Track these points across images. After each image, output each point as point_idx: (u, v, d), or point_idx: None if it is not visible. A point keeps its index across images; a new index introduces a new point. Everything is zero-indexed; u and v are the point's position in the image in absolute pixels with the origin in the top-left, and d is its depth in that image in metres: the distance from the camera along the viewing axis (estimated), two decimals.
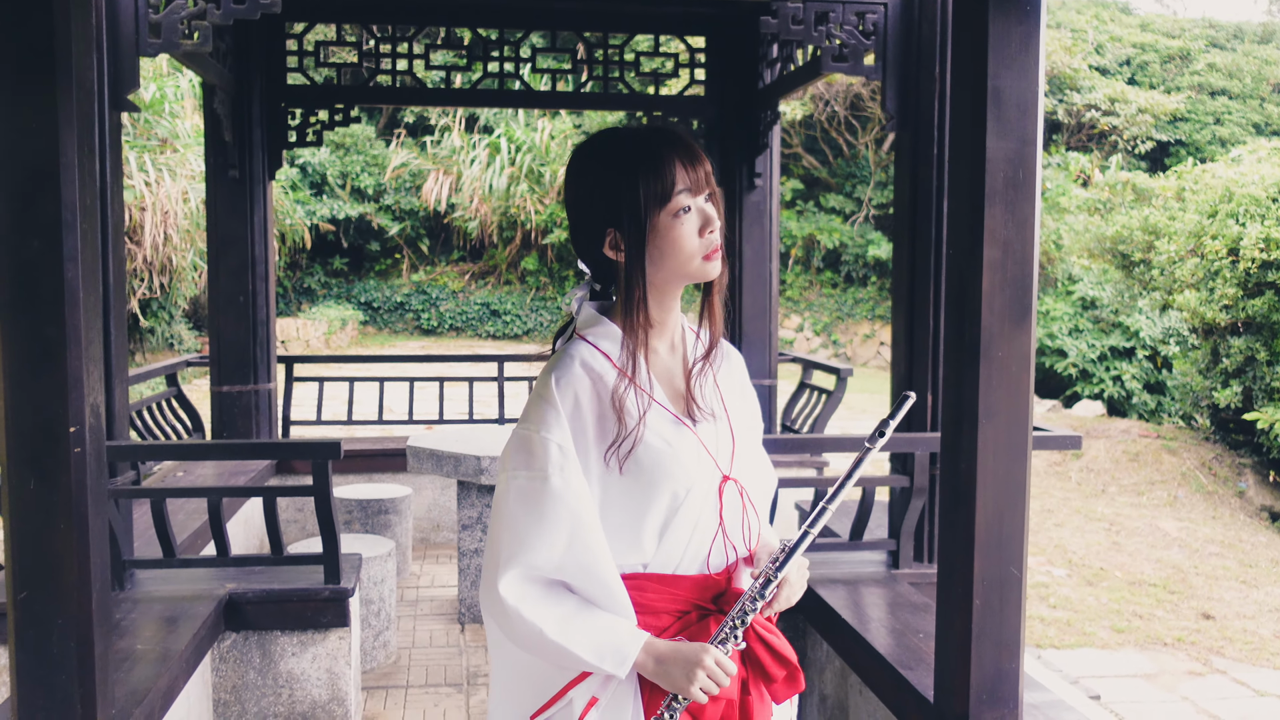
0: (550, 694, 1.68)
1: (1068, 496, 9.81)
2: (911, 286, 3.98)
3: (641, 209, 1.64)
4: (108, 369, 3.59)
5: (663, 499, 1.67)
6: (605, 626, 1.63)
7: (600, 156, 1.69)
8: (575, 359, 1.69)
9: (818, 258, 19.99)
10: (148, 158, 12.65)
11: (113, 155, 3.63)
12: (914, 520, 3.83)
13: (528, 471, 1.64)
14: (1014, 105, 2.40)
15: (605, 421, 1.66)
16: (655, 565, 1.70)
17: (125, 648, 3.06)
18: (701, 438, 1.72)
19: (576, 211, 1.73)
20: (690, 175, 1.66)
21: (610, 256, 1.70)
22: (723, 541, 1.73)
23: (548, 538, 1.61)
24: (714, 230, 1.68)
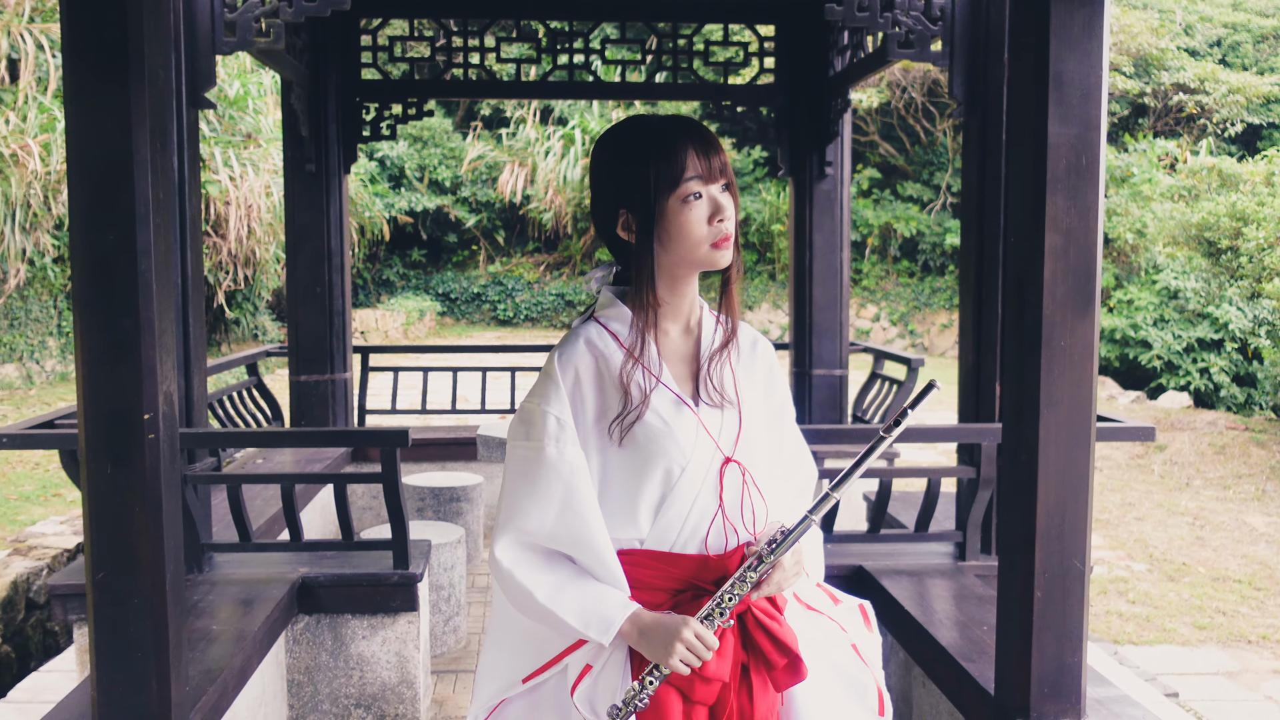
0: (545, 659, 1.76)
1: (1150, 490, 9.58)
2: (979, 275, 3.92)
3: (651, 192, 1.70)
4: (186, 358, 3.70)
5: (657, 475, 1.73)
6: (595, 595, 1.69)
7: (618, 140, 1.76)
8: (580, 338, 1.78)
9: (894, 246, 19.75)
10: (232, 153, 12.96)
11: (190, 151, 3.73)
12: (981, 511, 3.78)
13: (526, 442, 1.73)
14: (1077, 90, 2.36)
15: (606, 397, 1.74)
16: (651, 542, 1.75)
17: (202, 628, 3.17)
18: (704, 419, 1.76)
19: (594, 191, 1.81)
20: (703, 163, 1.70)
21: (623, 237, 1.76)
22: (722, 523, 1.76)
23: (540, 505, 1.70)
24: (724, 219, 1.71)
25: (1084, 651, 2.51)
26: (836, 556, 3.85)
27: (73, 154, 2.25)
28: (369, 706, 3.70)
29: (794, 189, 6.57)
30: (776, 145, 6.58)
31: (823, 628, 1.86)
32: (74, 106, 2.24)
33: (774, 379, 1.91)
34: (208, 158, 12.74)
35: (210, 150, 12.78)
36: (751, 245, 20.14)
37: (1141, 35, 18.27)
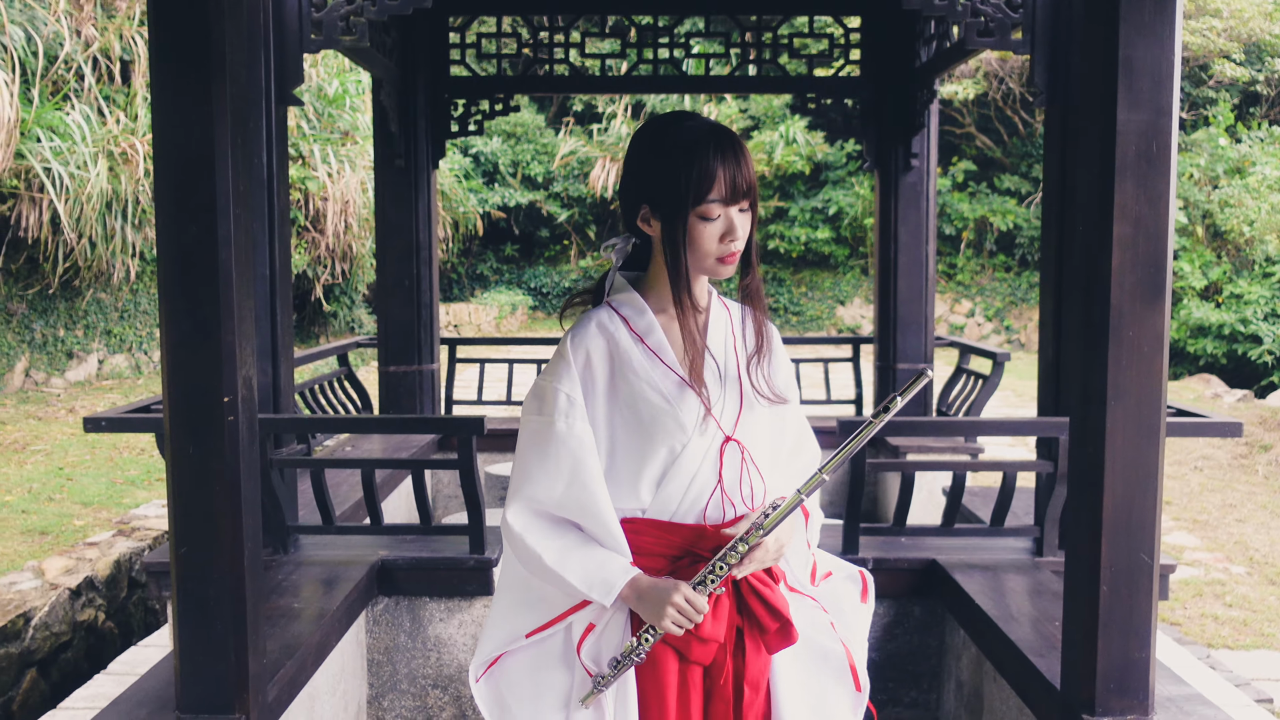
0: (550, 617, 1.89)
1: (1253, 491, 9.25)
2: (1059, 267, 3.86)
3: (673, 201, 1.80)
4: (274, 347, 3.84)
5: (660, 451, 1.85)
6: (599, 560, 1.83)
7: (656, 137, 1.85)
8: (593, 320, 1.91)
9: (990, 241, 19.38)
10: (330, 149, 13.30)
11: (279, 147, 3.86)
12: (1059, 506, 3.72)
13: (538, 416, 1.86)
14: (1147, 75, 2.32)
15: (615, 378, 1.87)
16: (652, 511, 1.88)
17: (284, 605, 3.29)
18: (705, 400, 1.86)
19: (625, 175, 1.91)
20: (728, 186, 1.79)
21: (644, 230, 1.89)
22: (721, 497, 1.88)
23: (549, 475, 1.83)
24: (734, 240, 1.82)
25: (1152, 647, 2.47)
26: (910, 550, 3.83)
27: (158, 149, 2.36)
28: (445, 687, 3.79)
29: (879, 181, 6.51)
30: (862, 137, 6.53)
31: (801, 607, 1.98)
32: (159, 103, 2.35)
33: (778, 364, 1.99)
34: (307, 154, 13.08)
35: (309, 147, 13.13)
36: (844, 239, 19.94)
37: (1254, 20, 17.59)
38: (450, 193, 16.98)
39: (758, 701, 1.89)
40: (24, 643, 4.66)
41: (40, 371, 10.41)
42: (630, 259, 1.97)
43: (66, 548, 5.62)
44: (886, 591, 3.76)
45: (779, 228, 19.65)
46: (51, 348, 10.56)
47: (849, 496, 3.71)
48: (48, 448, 8.07)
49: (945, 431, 4.68)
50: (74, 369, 10.87)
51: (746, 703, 1.86)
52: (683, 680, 1.85)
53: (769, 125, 20.28)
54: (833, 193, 19.69)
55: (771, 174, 19.59)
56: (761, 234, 19.54)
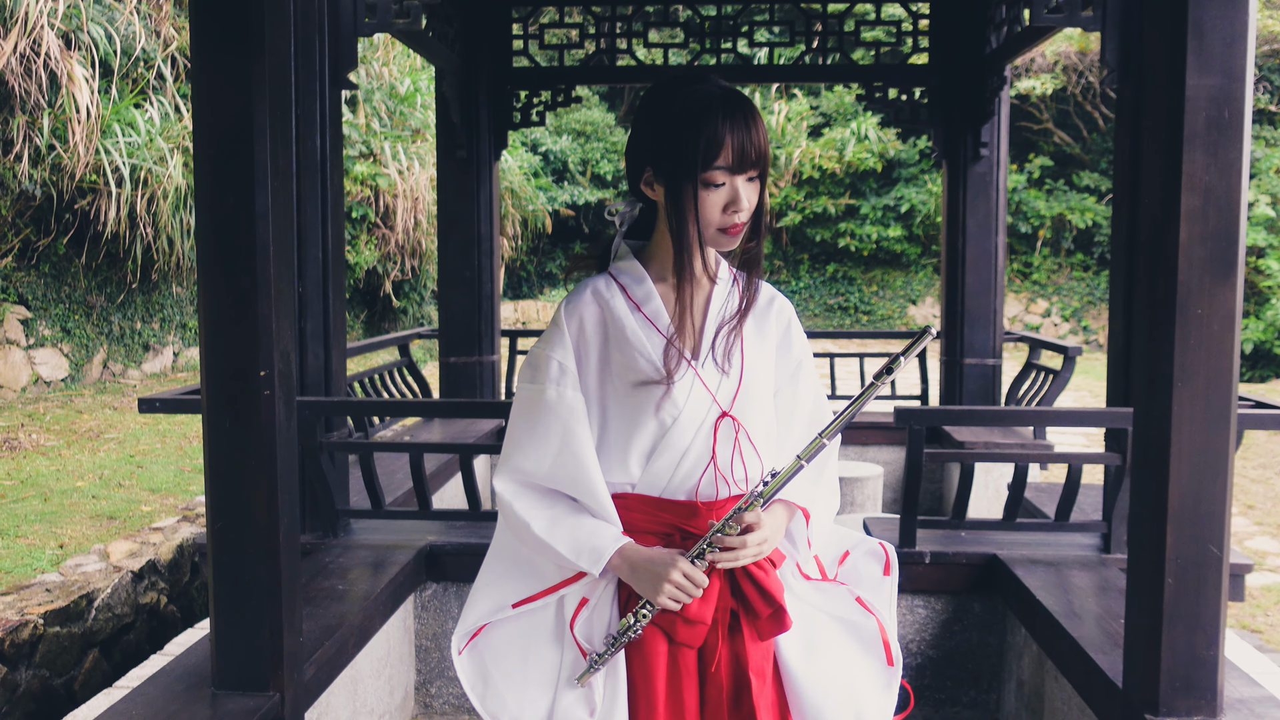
0: (540, 588, 1.82)
1: None
2: (1130, 253, 3.70)
3: (678, 165, 1.71)
4: (326, 330, 3.84)
5: (650, 423, 1.78)
6: (589, 529, 1.77)
7: (668, 96, 1.75)
8: (589, 288, 1.85)
9: (1068, 239, 18.93)
10: (400, 147, 13.42)
11: (333, 131, 3.86)
12: (1127, 501, 3.56)
13: (531, 384, 1.82)
14: (1219, 37, 2.19)
15: (609, 347, 1.81)
16: (642, 486, 1.81)
17: (329, 586, 3.28)
18: (701, 374, 1.80)
19: (632, 135, 1.83)
20: (736, 153, 1.69)
21: (646, 194, 1.81)
22: (714, 474, 1.80)
23: (539, 445, 1.79)
24: (738, 210, 1.73)
25: (1221, 645, 2.33)
26: (969, 544, 3.70)
27: (197, 121, 2.35)
28: None
29: (947, 172, 6.36)
30: (930, 127, 6.38)
31: (824, 589, 1.91)
32: (198, 76, 2.34)
33: (790, 338, 1.92)
34: (378, 151, 13.23)
35: (380, 144, 13.27)
36: (915, 237, 19.62)
37: None
38: (519, 190, 17.05)
39: (766, 691, 1.79)
40: (86, 623, 4.73)
41: (117, 363, 10.65)
42: (637, 225, 1.90)
43: (132, 532, 5.71)
44: (944, 587, 3.64)
45: (850, 225, 19.39)
46: (129, 340, 10.79)
47: (905, 488, 3.59)
48: (120, 436, 8.24)
49: (1006, 421, 4.53)
50: (150, 361, 11.11)
51: (755, 693, 1.76)
52: (673, 664, 1.77)
53: (840, 122, 20.04)
54: (905, 190, 19.39)
55: (843, 171, 19.34)
56: (832, 231, 19.33)
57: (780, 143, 19.68)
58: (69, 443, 7.88)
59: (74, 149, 8.95)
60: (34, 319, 9.52)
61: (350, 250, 13.05)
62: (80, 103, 8.91)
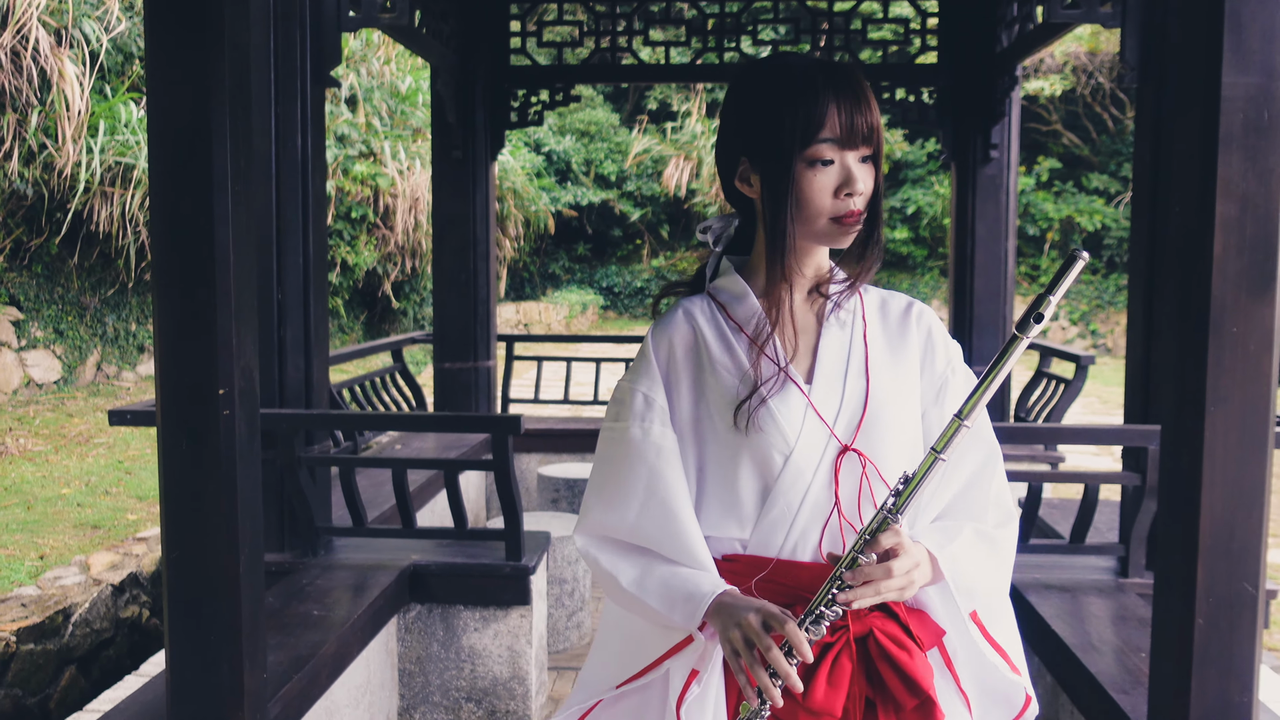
0: (645, 664, 1.52)
1: None
2: (1151, 260, 3.53)
3: (776, 146, 1.43)
4: (307, 340, 3.67)
5: (756, 465, 1.47)
6: (684, 577, 1.46)
7: (754, 77, 1.49)
8: (680, 309, 1.58)
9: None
10: (400, 146, 13.26)
11: (315, 130, 3.70)
12: (1147, 523, 3.39)
13: (614, 424, 1.56)
14: (1257, 32, 2.01)
15: (703, 374, 1.52)
16: (755, 545, 1.49)
17: (305, 612, 3.11)
18: (815, 401, 1.48)
19: (720, 133, 1.56)
20: (844, 124, 1.41)
21: (740, 190, 1.53)
22: (839, 525, 1.47)
23: (623, 494, 1.51)
24: (854, 193, 1.43)
25: (1256, 690, 2.15)
26: None
27: (152, 120, 2.18)
28: (479, 700, 3.59)
29: (956, 174, 6.18)
30: (937, 128, 6.21)
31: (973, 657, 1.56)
32: (153, 71, 2.17)
33: (934, 350, 1.58)
34: (378, 151, 13.07)
35: (380, 144, 13.11)
36: (922, 240, 19.44)
37: None
38: (522, 191, 16.88)
39: None
40: (63, 639, 4.57)
41: (111, 365, 10.50)
42: (737, 241, 1.61)
43: (115, 542, 5.54)
44: None
45: None
46: (123, 342, 10.64)
47: None
48: (110, 441, 8.08)
49: (1021, 438, 4.35)
50: (145, 363, 10.95)
51: None
52: None
53: None
54: (911, 192, 19.20)
55: None
56: None
57: None
58: (57, 447, 7.72)
59: (65, 147, 8.80)
60: (26, 320, 9.37)
61: (350, 251, 12.90)
62: (71, 100, 8.75)
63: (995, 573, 1.51)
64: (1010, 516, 1.56)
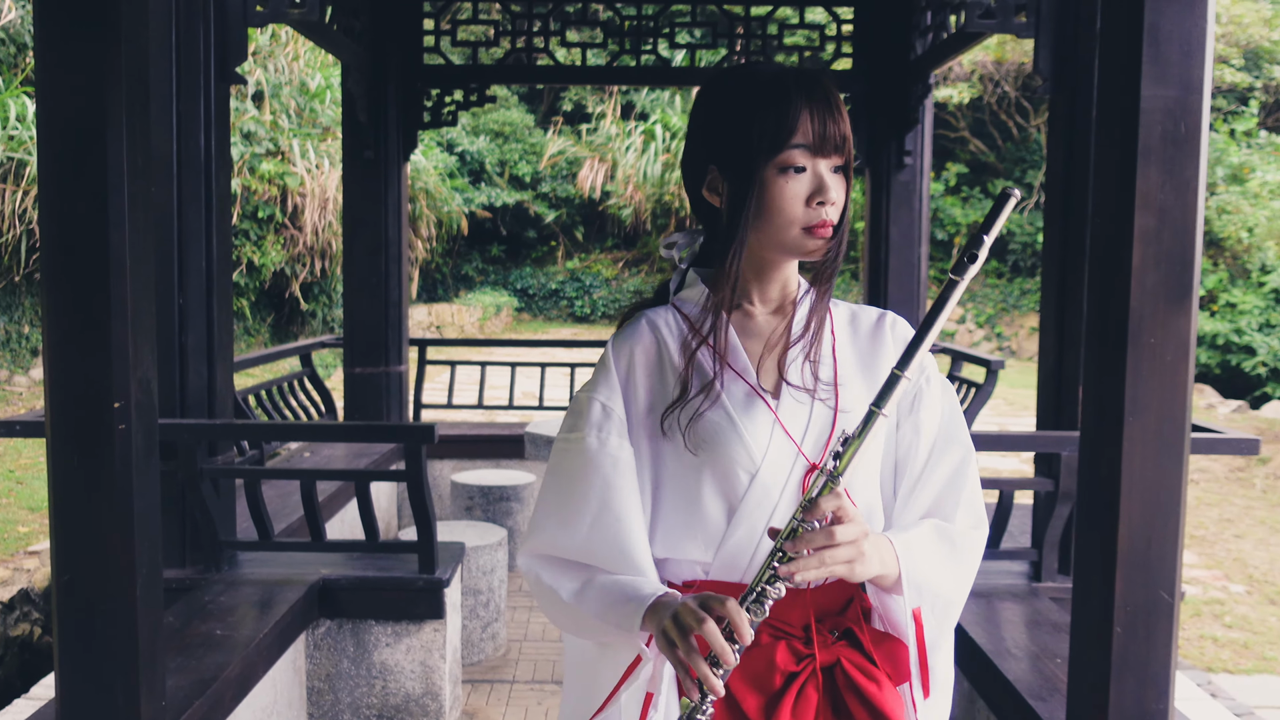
0: (601, 698, 1.44)
1: (1250, 505, 8.99)
2: (1063, 268, 3.57)
3: (746, 152, 1.37)
4: (210, 346, 3.53)
5: (720, 484, 1.41)
6: (625, 583, 1.38)
7: (722, 84, 1.43)
8: (644, 319, 1.50)
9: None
10: (309, 144, 12.97)
11: (219, 129, 3.56)
12: (1059, 528, 3.43)
13: (569, 434, 1.47)
14: (1176, 45, 2.02)
15: (665, 386, 1.45)
16: (718, 569, 1.42)
17: (207, 631, 2.98)
18: (782, 416, 1.41)
19: (687, 141, 1.50)
20: (815, 130, 1.36)
21: (708, 199, 1.46)
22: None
23: (575, 508, 1.43)
24: (826, 203, 1.37)
25: (1171, 698, 2.17)
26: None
27: (41, 116, 2.06)
28: (391, 718, 3.48)
29: (870, 180, 6.23)
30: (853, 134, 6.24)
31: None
32: (43, 65, 2.05)
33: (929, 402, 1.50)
34: (286, 149, 12.76)
35: (288, 142, 12.81)
36: None
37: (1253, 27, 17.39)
38: (435, 191, 16.65)
39: None
40: None
41: (3, 369, 10.07)
42: (704, 255, 1.53)
43: (5, 557, 5.29)
44: None
45: None
46: (15, 344, 10.22)
47: None
48: (0, 449, 7.74)
49: None
50: (39, 367, 10.52)
51: None
52: None
53: None
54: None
55: None
56: None
57: None
58: None
59: None
60: None
61: (256, 251, 12.57)
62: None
63: (952, 576, 1.42)
64: (980, 521, 1.48)
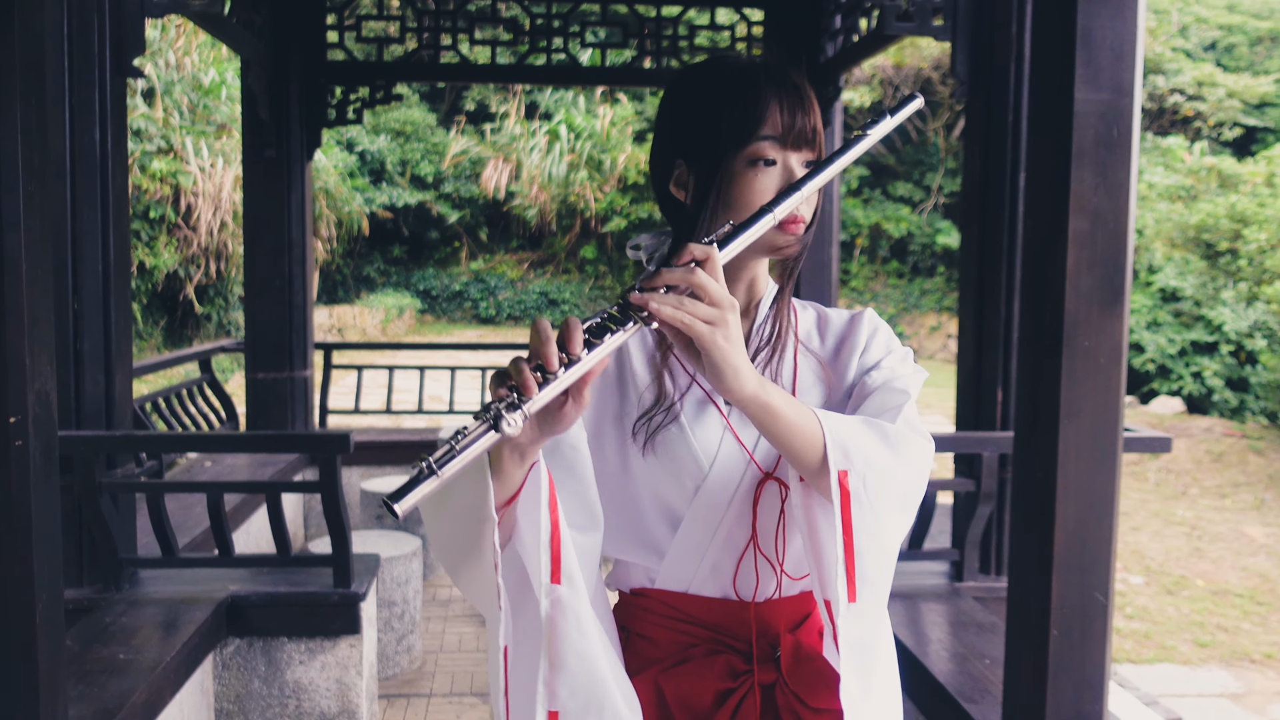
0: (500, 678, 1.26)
1: (1145, 498, 9.30)
2: (981, 270, 3.61)
3: (715, 144, 1.31)
4: (108, 353, 3.35)
5: (667, 491, 1.34)
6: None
7: (690, 78, 1.37)
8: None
9: (884, 247, 19.46)
10: (204, 142, 12.58)
11: (115, 124, 3.38)
12: (980, 528, 3.46)
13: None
14: (1108, 50, 2.03)
15: (626, 390, 1.37)
16: (664, 579, 1.37)
17: (109, 656, 2.82)
18: (734, 424, 1.35)
19: (655, 137, 1.43)
20: (786, 122, 1.30)
21: (675, 195, 1.38)
22: (754, 559, 1.35)
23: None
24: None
25: (1105, 699, 2.19)
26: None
27: None
28: None
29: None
30: None
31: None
32: None
33: (869, 352, 1.41)
34: (179, 147, 12.35)
35: (181, 140, 12.39)
36: None
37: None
38: (334, 191, 16.30)
39: None
40: None
41: None
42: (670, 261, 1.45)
43: None
44: None
45: None
46: None
47: None
48: None
49: None
50: None
51: None
52: None
53: None
54: None
55: None
56: None
57: (605, 147, 19.53)
58: None
59: None
60: None
61: (148, 253, 12.13)
62: None
63: (886, 453, 1.27)
64: (924, 435, 1.33)
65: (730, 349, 1.14)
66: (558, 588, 1.20)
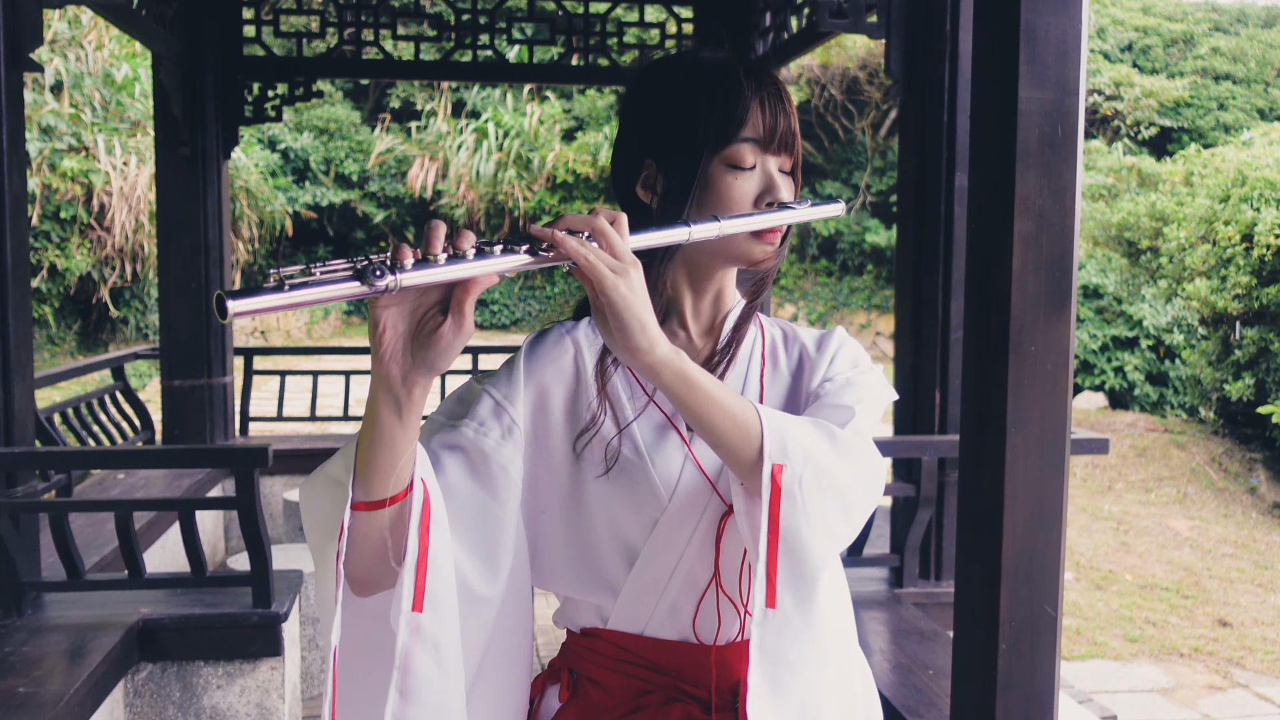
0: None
1: (1073, 494, 9.43)
2: (918, 271, 3.56)
3: (689, 141, 1.21)
4: (5, 363, 3.16)
5: (623, 524, 1.23)
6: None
7: (662, 73, 1.27)
8: (562, 327, 1.30)
9: (813, 246, 19.58)
10: (117, 140, 12.18)
11: (12, 120, 3.19)
12: (920, 533, 3.42)
13: (443, 419, 1.21)
14: (1052, 47, 1.97)
15: (577, 403, 1.25)
16: (618, 619, 1.26)
17: (8, 689, 2.64)
18: (698, 452, 1.24)
19: (620, 134, 1.31)
20: (767, 124, 1.22)
21: (642, 199, 1.26)
22: (716, 599, 1.24)
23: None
24: (776, 204, 1.23)
25: (1055, 712, 2.13)
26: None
27: None
28: None
29: None
30: None
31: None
32: None
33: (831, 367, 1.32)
34: (90, 145, 11.95)
35: (93, 137, 11.99)
36: None
37: None
38: (256, 190, 15.91)
39: None
40: None
41: None
42: None
43: None
44: None
45: None
46: None
47: None
48: None
49: None
50: None
51: None
52: None
53: (593, 126, 19.95)
54: None
55: (597, 176, 19.25)
56: None
57: (533, 146, 19.37)
58: None
59: None
60: None
61: (60, 254, 11.72)
62: None
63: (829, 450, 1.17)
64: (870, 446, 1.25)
65: (634, 299, 1.05)
66: (418, 616, 1.07)
